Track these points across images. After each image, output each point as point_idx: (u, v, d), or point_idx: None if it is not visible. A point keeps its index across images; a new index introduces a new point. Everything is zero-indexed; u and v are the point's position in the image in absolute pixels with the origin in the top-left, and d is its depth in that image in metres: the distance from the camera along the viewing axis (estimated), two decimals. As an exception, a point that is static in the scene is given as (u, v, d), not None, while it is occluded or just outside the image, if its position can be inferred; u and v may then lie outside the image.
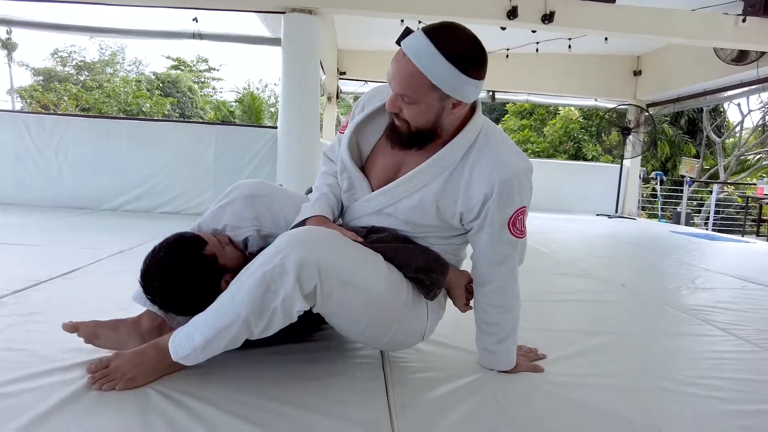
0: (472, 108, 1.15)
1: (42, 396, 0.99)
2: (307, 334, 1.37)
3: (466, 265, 1.32)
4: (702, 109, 12.33)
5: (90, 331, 1.17)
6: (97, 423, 0.92)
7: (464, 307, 1.28)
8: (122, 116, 14.37)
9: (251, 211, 1.28)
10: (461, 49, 1.01)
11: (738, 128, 12.92)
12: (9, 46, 17.54)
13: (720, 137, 12.76)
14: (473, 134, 1.14)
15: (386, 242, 1.18)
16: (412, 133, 1.10)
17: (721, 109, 13.31)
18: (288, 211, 1.29)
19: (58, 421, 0.92)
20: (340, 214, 1.31)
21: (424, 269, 1.17)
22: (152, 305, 1.22)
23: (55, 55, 19.23)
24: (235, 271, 1.23)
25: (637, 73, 7.25)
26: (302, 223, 1.21)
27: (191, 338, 1.04)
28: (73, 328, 1.16)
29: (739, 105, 12.02)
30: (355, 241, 1.13)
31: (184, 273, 1.15)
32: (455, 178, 1.13)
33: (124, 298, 1.60)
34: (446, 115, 1.08)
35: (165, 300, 1.17)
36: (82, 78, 19.12)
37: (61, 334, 1.19)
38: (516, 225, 1.15)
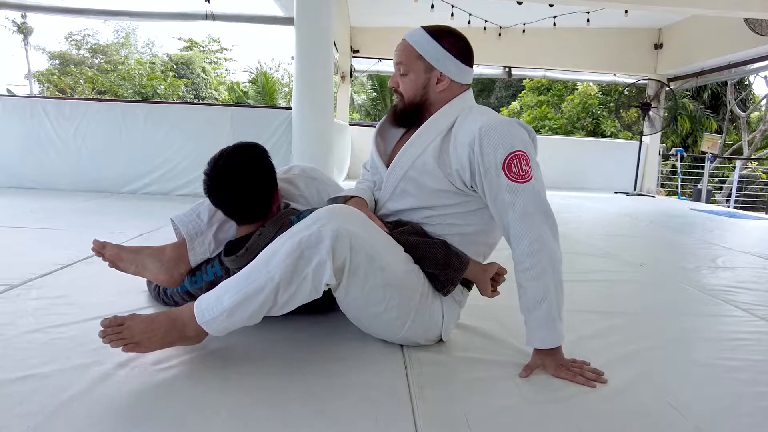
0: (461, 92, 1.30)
1: (73, 377, 1.03)
2: (325, 309, 1.37)
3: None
4: (726, 83, 11.95)
5: (115, 253, 1.28)
6: (125, 404, 0.96)
7: (491, 293, 1.28)
8: (138, 99, 14.47)
9: (303, 189, 1.44)
10: (444, 30, 1.26)
11: (764, 102, 12.52)
12: (24, 31, 17.66)
13: (745, 111, 12.38)
14: (458, 107, 1.26)
15: (408, 234, 1.21)
16: (406, 107, 1.28)
17: (747, 82, 12.89)
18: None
19: (89, 402, 0.95)
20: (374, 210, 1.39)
21: (443, 264, 1.19)
22: (209, 207, 1.34)
23: (70, 39, 19.34)
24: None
25: (658, 46, 7.04)
26: (342, 199, 1.32)
27: (219, 301, 1.04)
28: (100, 246, 1.27)
29: (765, 77, 11.65)
30: (382, 229, 1.20)
31: (254, 164, 1.27)
32: (446, 144, 1.23)
33: (146, 281, 1.64)
34: (432, 89, 1.25)
35: (229, 192, 1.26)
36: (96, 61, 19.23)
37: (87, 316, 1.22)
38: (512, 169, 1.13)
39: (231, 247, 1.28)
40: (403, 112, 1.30)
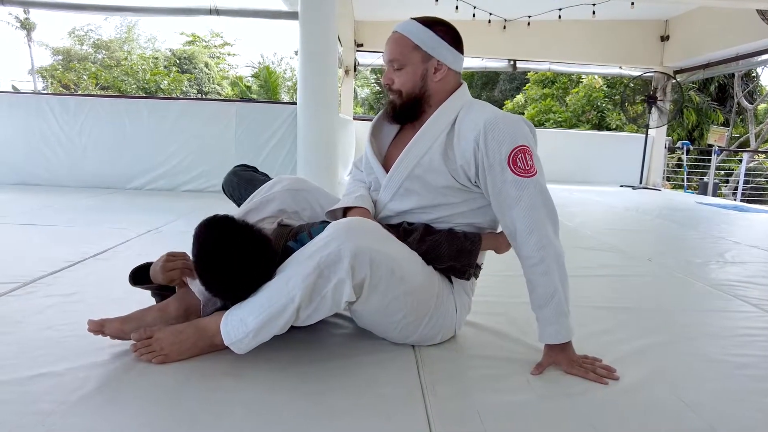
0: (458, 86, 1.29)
1: (86, 375, 1.04)
2: None
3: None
4: (733, 75, 11.83)
5: (116, 329, 1.15)
6: (139, 401, 0.96)
7: (508, 248, 1.29)
8: (142, 95, 14.47)
9: (293, 205, 1.37)
10: (434, 20, 1.26)
11: (771, 93, 12.40)
12: (27, 27, 17.69)
13: (752, 103, 12.28)
14: (459, 102, 1.25)
15: (418, 241, 1.21)
16: (404, 102, 1.26)
17: (754, 74, 12.76)
18: (328, 206, 1.36)
19: (103, 400, 0.96)
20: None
21: (456, 254, 1.20)
22: (212, 297, 1.17)
23: (73, 34, 19.33)
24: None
25: (664, 38, 6.97)
26: (344, 210, 1.28)
27: (244, 323, 1.06)
28: (99, 326, 1.13)
29: (772, 69, 11.50)
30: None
31: (234, 247, 1.08)
32: (450, 140, 1.22)
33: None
34: (430, 79, 1.24)
35: (229, 285, 1.10)
36: (99, 57, 19.22)
37: (99, 313, 1.21)
38: (518, 164, 1.14)
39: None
40: (402, 107, 1.27)
